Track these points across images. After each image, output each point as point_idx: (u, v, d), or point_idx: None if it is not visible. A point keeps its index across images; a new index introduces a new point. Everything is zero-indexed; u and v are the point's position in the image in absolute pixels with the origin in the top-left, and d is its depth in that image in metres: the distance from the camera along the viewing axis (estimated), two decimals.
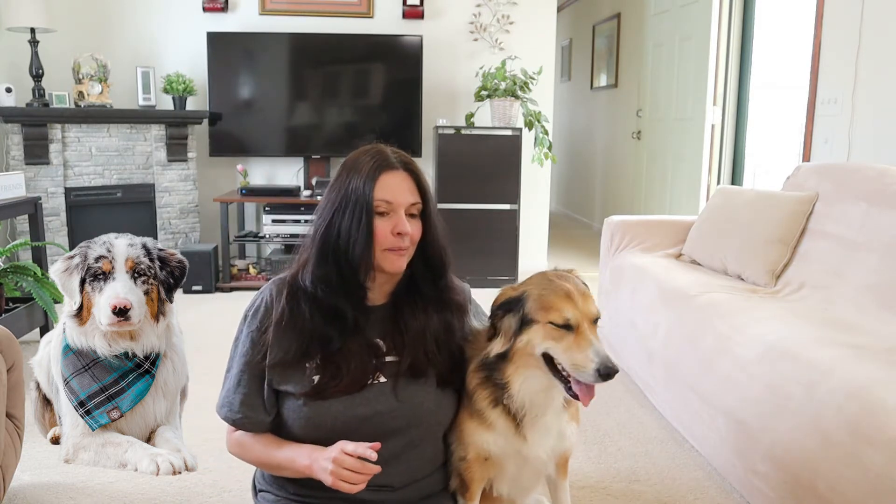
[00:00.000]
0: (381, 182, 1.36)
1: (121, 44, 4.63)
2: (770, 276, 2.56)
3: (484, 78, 4.51)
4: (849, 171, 2.58)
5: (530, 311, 1.33)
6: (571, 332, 1.30)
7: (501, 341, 1.36)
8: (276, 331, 1.38)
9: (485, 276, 4.47)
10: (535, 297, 1.34)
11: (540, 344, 1.32)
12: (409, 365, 1.40)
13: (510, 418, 1.39)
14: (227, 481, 2.01)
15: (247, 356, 1.42)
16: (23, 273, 3.03)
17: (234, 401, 1.42)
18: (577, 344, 1.29)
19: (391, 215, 1.37)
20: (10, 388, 1.75)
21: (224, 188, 4.85)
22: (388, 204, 1.36)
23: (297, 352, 1.36)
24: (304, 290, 1.40)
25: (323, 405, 1.36)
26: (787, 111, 4.31)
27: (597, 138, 7.29)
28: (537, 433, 1.41)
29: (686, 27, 4.78)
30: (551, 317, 1.31)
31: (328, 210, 1.39)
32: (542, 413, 1.40)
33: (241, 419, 1.42)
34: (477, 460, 1.44)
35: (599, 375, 1.25)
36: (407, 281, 1.45)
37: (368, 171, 1.37)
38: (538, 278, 1.40)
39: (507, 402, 1.38)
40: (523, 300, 1.35)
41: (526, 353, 1.34)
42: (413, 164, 1.43)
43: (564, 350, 1.30)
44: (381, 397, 1.38)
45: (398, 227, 1.36)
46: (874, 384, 1.55)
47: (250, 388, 1.41)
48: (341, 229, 1.36)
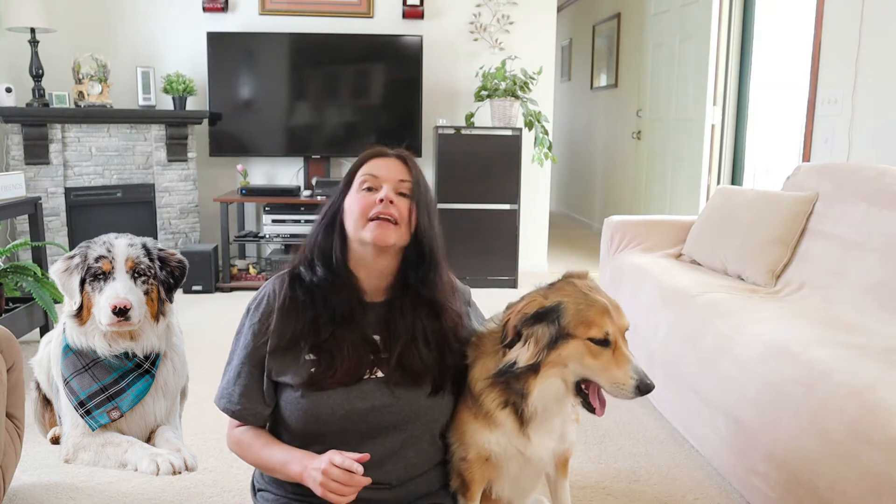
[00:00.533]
0: (369, 163, 1.44)
1: (121, 44, 4.63)
2: (770, 276, 2.56)
3: (484, 78, 4.51)
4: (849, 171, 2.58)
5: (568, 326, 1.31)
6: (608, 348, 1.30)
7: (531, 352, 1.32)
8: (278, 317, 1.40)
9: (485, 276, 4.47)
10: (574, 311, 1.32)
11: (576, 359, 1.31)
12: (399, 362, 1.40)
13: (516, 419, 1.39)
14: (227, 481, 2.01)
15: (247, 348, 1.43)
16: (23, 273, 3.03)
17: (233, 392, 1.43)
18: (616, 361, 1.29)
19: (378, 191, 1.40)
20: (10, 388, 1.75)
21: (224, 188, 4.85)
22: (375, 178, 1.41)
23: (291, 337, 1.39)
24: (301, 279, 1.44)
25: (321, 397, 1.37)
26: (787, 111, 4.31)
27: (597, 138, 7.29)
28: (541, 434, 1.41)
29: (686, 27, 4.78)
30: (591, 333, 1.30)
31: (326, 205, 1.47)
32: (551, 417, 1.41)
33: (239, 410, 1.42)
34: (478, 460, 1.43)
35: (639, 391, 1.27)
36: (402, 278, 1.45)
37: (359, 159, 1.46)
38: (571, 289, 1.37)
39: (522, 408, 1.37)
40: (560, 312, 1.32)
41: (558, 365, 1.33)
42: (407, 155, 1.47)
43: (603, 368, 1.29)
44: (377, 392, 1.38)
45: (380, 194, 1.38)
46: (874, 384, 1.55)
47: (250, 379, 1.42)
48: (328, 211, 1.45)
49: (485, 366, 1.42)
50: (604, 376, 1.30)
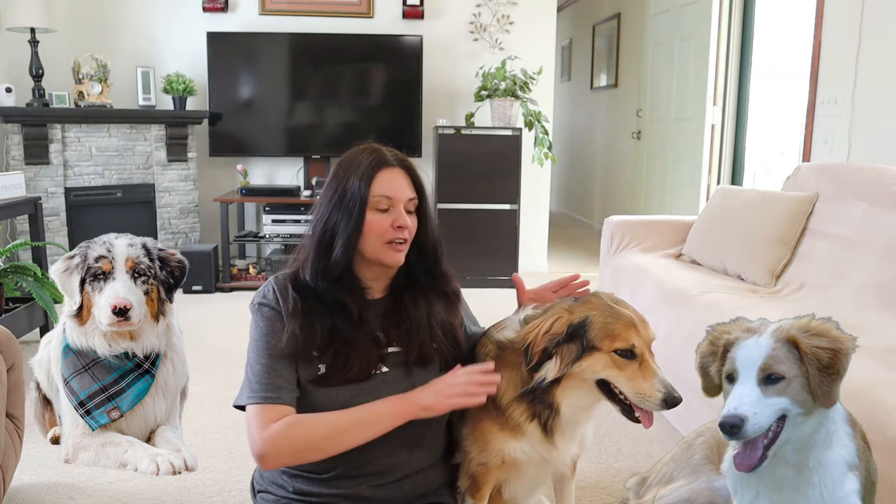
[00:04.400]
0: (380, 179, 1.40)
1: (121, 44, 4.62)
2: (770, 276, 2.56)
3: (484, 78, 4.51)
4: (849, 171, 2.58)
5: (594, 339, 1.31)
6: (634, 361, 1.31)
7: (558, 366, 1.32)
8: (291, 321, 1.38)
9: (485, 276, 4.47)
10: (601, 324, 1.32)
11: (600, 371, 1.32)
12: (419, 353, 1.42)
13: (542, 428, 1.40)
14: (227, 481, 2.01)
15: (267, 344, 1.38)
16: (23, 273, 3.03)
17: (266, 384, 1.34)
18: (643, 374, 1.30)
19: (391, 211, 1.40)
20: (10, 388, 1.75)
21: (224, 188, 4.85)
22: (389, 200, 1.40)
23: (309, 343, 1.37)
24: (307, 286, 1.42)
25: (329, 393, 1.37)
26: (787, 111, 4.31)
27: (597, 138, 7.29)
28: (567, 441, 1.42)
29: (686, 27, 4.78)
30: (617, 345, 1.30)
31: (325, 207, 1.42)
32: (578, 425, 1.43)
33: (277, 396, 1.34)
34: (498, 465, 1.44)
35: (666, 405, 1.28)
36: (404, 274, 1.48)
37: (366, 169, 1.41)
38: (597, 302, 1.37)
39: (552, 422, 1.38)
40: (586, 326, 1.32)
41: (581, 378, 1.33)
42: (409, 162, 1.47)
43: (629, 379, 1.30)
44: (384, 387, 1.39)
45: (398, 221, 1.39)
46: (874, 384, 1.55)
47: (278, 369, 1.36)
48: (339, 225, 1.39)
49: (511, 378, 1.41)
50: (629, 387, 1.30)
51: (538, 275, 4.60)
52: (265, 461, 1.33)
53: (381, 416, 1.34)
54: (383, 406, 1.35)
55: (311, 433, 1.32)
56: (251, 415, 1.33)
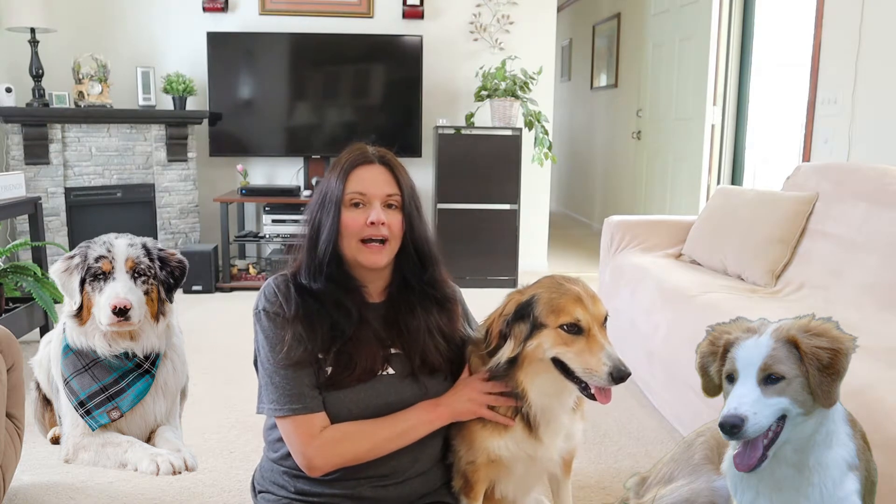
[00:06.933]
0: (355, 175, 1.41)
1: (121, 44, 4.62)
2: (770, 276, 2.56)
3: (484, 78, 4.51)
4: (849, 171, 2.58)
5: (540, 315, 1.32)
6: (582, 336, 1.30)
7: (511, 346, 1.34)
8: (296, 325, 1.38)
9: (485, 276, 4.47)
10: (545, 300, 1.33)
11: (550, 348, 1.32)
12: (423, 362, 1.42)
13: (525, 423, 1.40)
14: (227, 481, 2.01)
15: (281, 353, 1.37)
16: (23, 273, 3.03)
17: (292, 395, 1.34)
18: (589, 348, 1.29)
19: (366, 207, 1.39)
20: (10, 388, 1.75)
21: (224, 188, 4.85)
22: (362, 195, 1.40)
23: (313, 343, 1.37)
24: (306, 287, 1.42)
25: (337, 395, 1.37)
26: (787, 111, 4.31)
27: (597, 138, 7.29)
28: (551, 434, 1.41)
29: (686, 27, 4.78)
30: (562, 320, 1.30)
31: (312, 208, 1.45)
32: (556, 416, 1.41)
33: (305, 406, 1.35)
34: (486, 463, 1.44)
35: (612, 379, 1.26)
36: (400, 279, 1.47)
37: (343, 166, 1.42)
38: (547, 281, 1.39)
39: (526, 410, 1.38)
40: (532, 304, 1.33)
41: (536, 357, 1.33)
42: (391, 158, 1.45)
43: (576, 354, 1.29)
44: (390, 389, 1.40)
45: (371, 217, 1.38)
46: (874, 384, 1.55)
47: (299, 377, 1.36)
48: (323, 224, 1.41)
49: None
50: (577, 362, 1.29)
51: (538, 275, 4.58)
52: (315, 471, 1.38)
53: (420, 424, 1.37)
54: (419, 414, 1.37)
55: (358, 447, 1.36)
56: (289, 428, 1.36)
